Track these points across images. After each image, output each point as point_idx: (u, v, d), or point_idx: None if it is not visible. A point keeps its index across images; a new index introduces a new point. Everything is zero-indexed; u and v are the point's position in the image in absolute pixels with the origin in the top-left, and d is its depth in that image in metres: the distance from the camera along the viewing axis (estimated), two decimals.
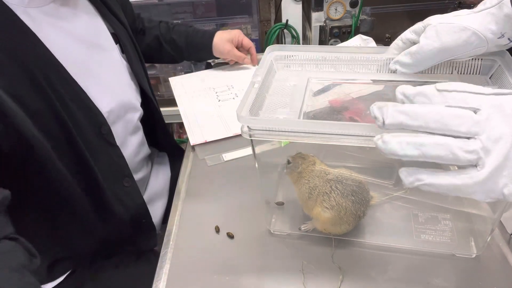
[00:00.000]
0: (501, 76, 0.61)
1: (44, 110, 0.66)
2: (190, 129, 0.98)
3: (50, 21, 0.71)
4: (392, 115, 0.42)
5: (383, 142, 0.42)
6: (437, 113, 0.40)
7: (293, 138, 0.56)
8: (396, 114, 0.41)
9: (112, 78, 0.82)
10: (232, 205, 0.78)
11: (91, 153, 0.74)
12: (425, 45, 0.60)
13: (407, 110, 0.41)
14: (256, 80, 0.63)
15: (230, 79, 1.17)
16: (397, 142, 0.41)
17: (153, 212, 0.92)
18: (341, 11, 1.44)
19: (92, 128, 0.74)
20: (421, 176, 0.42)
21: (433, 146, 0.40)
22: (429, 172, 0.42)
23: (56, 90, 0.67)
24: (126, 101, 0.84)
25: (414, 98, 0.43)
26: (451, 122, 0.40)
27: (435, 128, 0.40)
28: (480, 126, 0.39)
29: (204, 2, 1.80)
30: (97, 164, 0.75)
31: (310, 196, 0.65)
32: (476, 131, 0.40)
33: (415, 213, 0.71)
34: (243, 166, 0.87)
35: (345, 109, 0.67)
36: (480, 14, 0.57)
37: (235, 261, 0.68)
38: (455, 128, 0.40)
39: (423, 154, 0.41)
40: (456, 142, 0.40)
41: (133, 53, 0.91)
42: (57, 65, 0.68)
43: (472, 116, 0.40)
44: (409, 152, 0.41)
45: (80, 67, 0.73)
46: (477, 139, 0.40)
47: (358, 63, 0.69)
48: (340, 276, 0.63)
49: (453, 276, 0.62)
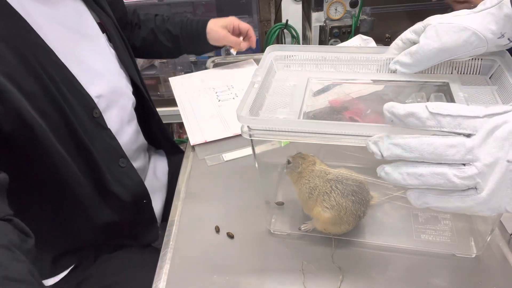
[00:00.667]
0: (501, 76, 0.61)
1: (40, 93, 0.68)
2: (190, 129, 0.98)
3: (38, 7, 0.72)
4: (388, 148, 0.43)
5: (385, 173, 0.44)
6: (430, 145, 0.41)
7: (293, 138, 0.56)
8: (392, 147, 0.43)
9: (100, 65, 0.83)
10: (232, 205, 0.78)
11: (87, 135, 0.76)
12: (425, 45, 0.60)
13: (401, 143, 0.42)
14: (256, 80, 0.63)
15: (230, 79, 1.17)
16: (398, 173, 0.43)
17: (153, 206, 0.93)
18: (341, 11, 1.44)
19: (85, 112, 0.76)
20: (428, 200, 0.44)
21: (431, 176, 0.42)
22: (435, 196, 0.43)
23: (49, 74, 0.69)
24: (117, 87, 0.86)
25: (405, 119, 0.42)
26: (444, 152, 0.41)
27: (431, 158, 0.42)
28: (473, 154, 0.40)
29: (204, 2, 1.81)
30: (93, 147, 0.77)
31: (310, 196, 0.65)
32: (470, 158, 0.40)
33: (415, 213, 0.71)
34: (243, 166, 0.87)
35: (345, 109, 0.67)
36: (480, 14, 0.57)
37: (235, 261, 0.68)
38: (450, 157, 0.41)
39: (423, 183, 0.43)
40: (452, 171, 0.41)
41: (120, 43, 0.92)
42: (48, 50, 0.70)
43: (465, 144, 0.40)
44: (411, 182, 0.43)
45: (69, 53, 0.75)
46: (472, 166, 0.40)
47: (358, 63, 0.69)
48: (340, 276, 0.63)
49: (453, 276, 0.62)
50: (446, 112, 0.40)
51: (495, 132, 0.39)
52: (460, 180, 0.41)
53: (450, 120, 0.40)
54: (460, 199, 0.42)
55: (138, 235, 0.92)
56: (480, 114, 0.40)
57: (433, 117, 0.41)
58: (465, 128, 0.40)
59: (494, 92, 0.60)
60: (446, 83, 0.64)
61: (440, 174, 0.41)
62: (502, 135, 0.39)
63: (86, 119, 0.76)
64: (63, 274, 0.86)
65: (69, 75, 0.74)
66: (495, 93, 0.60)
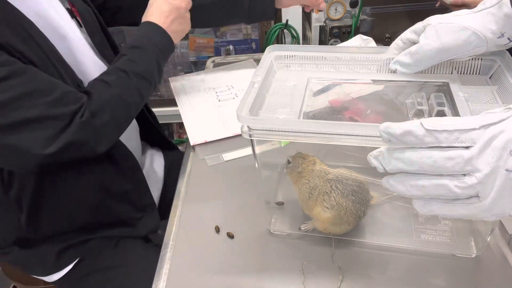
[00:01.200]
0: (500, 76, 0.61)
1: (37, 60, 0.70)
2: (190, 129, 0.98)
3: None
4: (389, 162, 0.44)
5: (390, 185, 0.46)
6: (429, 158, 0.42)
7: (293, 138, 0.56)
8: (393, 161, 0.44)
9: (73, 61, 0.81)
10: (232, 205, 0.78)
11: None
12: (425, 44, 0.60)
13: (401, 157, 0.43)
14: (256, 80, 0.63)
15: (230, 79, 1.17)
16: (402, 185, 0.45)
17: None
18: (341, 11, 1.44)
19: (73, 83, 0.77)
20: (433, 208, 0.45)
21: (433, 187, 0.43)
22: (439, 204, 0.44)
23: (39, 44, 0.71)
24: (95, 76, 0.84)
25: (403, 138, 0.42)
26: (444, 165, 0.41)
27: (431, 171, 0.42)
28: (472, 164, 0.40)
29: None
30: None
31: (311, 196, 0.65)
32: (469, 169, 0.41)
33: (415, 213, 0.71)
34: (243, 166, 0.87)
35: (345, 109, 0.67)
36: (480, 14, 0.57)
37: (235, 261, 0.68)
38: (450, 169, 0.41)
39: (426, 194, 0.44)
40: (453, 182, 0.42)
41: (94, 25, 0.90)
42: (32, 24, 0.71)
43: (463, 155, 0.40)
44: (415, 193, 0.44)
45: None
46: (472, 176, 0.41)
47: (358, 63, 0.69)
48: (340, 276, 0.63)
49: (453, 276, 0.62)
50: (441, 128, 0.41)
51: (492, 142, 0.39)
52: (461, 190, 0.42)
53: (447, 135, 0.41)
54: (464, 206, 0.43)
55: (138, 221, 0.91)
56: (476, 126, 0.40)
57: (430, 134, 0.41)
58: (464, 142, 0.40)
59: (494, 92, 0.60)
60: (446, 83, 0.64)
61: (442, 185, 0.42)
62: (499, 145, 0.39)
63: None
64: (67, 268, 0.87)
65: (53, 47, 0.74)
66: (495, 93, 0.60)
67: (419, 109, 0.60)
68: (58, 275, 0.87)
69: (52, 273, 0.87)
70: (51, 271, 0.87)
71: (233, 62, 1.27)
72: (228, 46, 1.81)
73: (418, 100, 0.61)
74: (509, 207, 0.41)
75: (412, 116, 0.61)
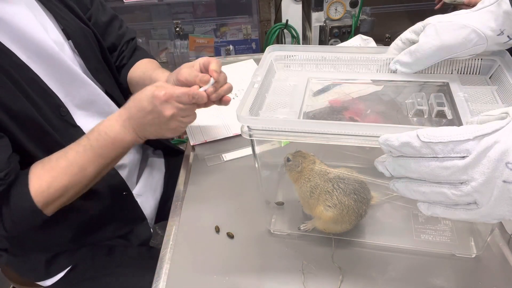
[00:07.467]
0: (500, 76, 0.61)
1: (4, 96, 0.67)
2: (190, 129, 0.98)
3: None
4: (394, 168, 0.47)
5: (396, 189, 0.49)
6: (426, 167, 0.44)
7: (293, 138, 0.56)
8: (397, 167, 0.47)
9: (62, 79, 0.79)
10: (232, 205, 0.78)
11: (58, 134, 0.75)
12: (425, 43, 0.60)
13: (403, 165, 0.46)
14: (256, 80, 0.63)
15: (230, 79, 1.17)
16: (407, 190, 0.47)
17: (144, 203, 0.93)
18: (341, 11, 1.44)
19: (52, 111, 0.75)
20: (436, 211, 0.47)
21: (433, 194, 0.45)
22: (442, 208, 0.46)
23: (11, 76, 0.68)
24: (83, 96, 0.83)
25: (401, 149, 0.45)
26: (440, 174, 0.43)
27: (431, 179, 0.45)
28: (468, 174, 0.42)
29: (204, 2, 1.81)
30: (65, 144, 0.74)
31: (312, 194, 0.65)
32: (465, 178, 0.43)
33: (415, 213, 0.71)
34: (243, 166, 0.87)
35: (345, 109, 0.67)
36: (479, 12, 0.58)
37: (235, 261, 0.68)
38: (447, 178, 0.43)
39: (428, 199, 0.47)
40: (450, 190, 0.44)
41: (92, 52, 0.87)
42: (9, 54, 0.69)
43: (459, 165, 0.42)
44: (418, 197, 0.47)
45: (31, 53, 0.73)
46: (468, 185, 0.42)
47: (358, 63, 0.69)
48: (340, 276, 0.63)
49: (453, 276, 0.62)
50: (436, 140, 0.42)
51: (488, 153, 0.40)
52: (459, 198, 0.44)
53: (442, 147, 0.42)
54: (465, 211, 0.45)
55: (128, 234, 0.91)
56: (471, 137, 0.41)
57: (426, 145, 0.43)
58: (459, 152, 0.42)
59: (494, 92, 0.60)
60: (446, 83, 0.64)
61: (440, 193, 0.45)
62: (495, 156, 0.40)
63: (53, 117, 0.75)
64: (59, 275, 0.86)
65: (32, 74, 0.72)
66: (495, 93, 0.60)
67: (419, 109, 0.60)
68: (51, 281, 0.87)
69: (44, 279, 0.87)
70: (43, 278, 0.86)
71: (233, 62, 1.26)
72: (228, 46, 1.82)
73: (418, 100, 0.61)
74: (508, 214, 0.42)
75: (412, 116, 0.61)
